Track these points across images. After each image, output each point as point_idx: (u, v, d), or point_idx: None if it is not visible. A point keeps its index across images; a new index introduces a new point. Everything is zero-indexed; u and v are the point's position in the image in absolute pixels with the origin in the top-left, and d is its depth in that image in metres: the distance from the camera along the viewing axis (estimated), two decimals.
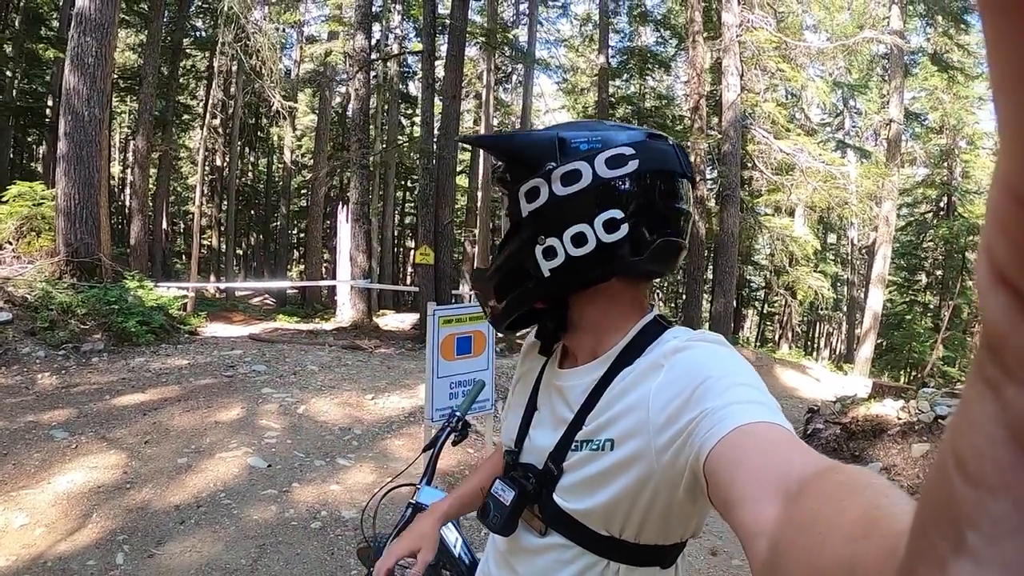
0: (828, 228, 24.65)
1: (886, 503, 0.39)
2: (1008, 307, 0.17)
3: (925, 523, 0.21)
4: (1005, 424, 0.17)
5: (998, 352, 0.17)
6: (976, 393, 0.18)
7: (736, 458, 0.65)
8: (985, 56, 0.17)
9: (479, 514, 1.05)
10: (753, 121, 16.12)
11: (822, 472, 0.53)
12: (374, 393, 6.61)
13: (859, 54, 16.47)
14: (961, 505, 0.18)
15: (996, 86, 0.16)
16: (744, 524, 0.56)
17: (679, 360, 0.85)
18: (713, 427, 0.70)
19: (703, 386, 0.76)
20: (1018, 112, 0.16)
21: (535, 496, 0.97)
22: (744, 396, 0.73)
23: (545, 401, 1.05)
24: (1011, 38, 0.15)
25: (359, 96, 13.95)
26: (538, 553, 0.98)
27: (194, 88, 23.45)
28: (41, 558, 3.24)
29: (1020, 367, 0.17)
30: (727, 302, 15.58)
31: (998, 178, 0.17)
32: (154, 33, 15.60)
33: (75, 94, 8.20)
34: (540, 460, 0.99)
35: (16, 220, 8.46)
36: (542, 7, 22.12)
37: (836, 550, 0.37)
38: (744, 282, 25.53)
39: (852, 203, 15.08)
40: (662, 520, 0.87)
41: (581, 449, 0.92)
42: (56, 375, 6.25)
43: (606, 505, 0.87)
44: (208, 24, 20.77)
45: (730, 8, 14.70)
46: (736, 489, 0.61)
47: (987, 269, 0.18)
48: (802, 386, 12.60)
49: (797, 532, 0.46)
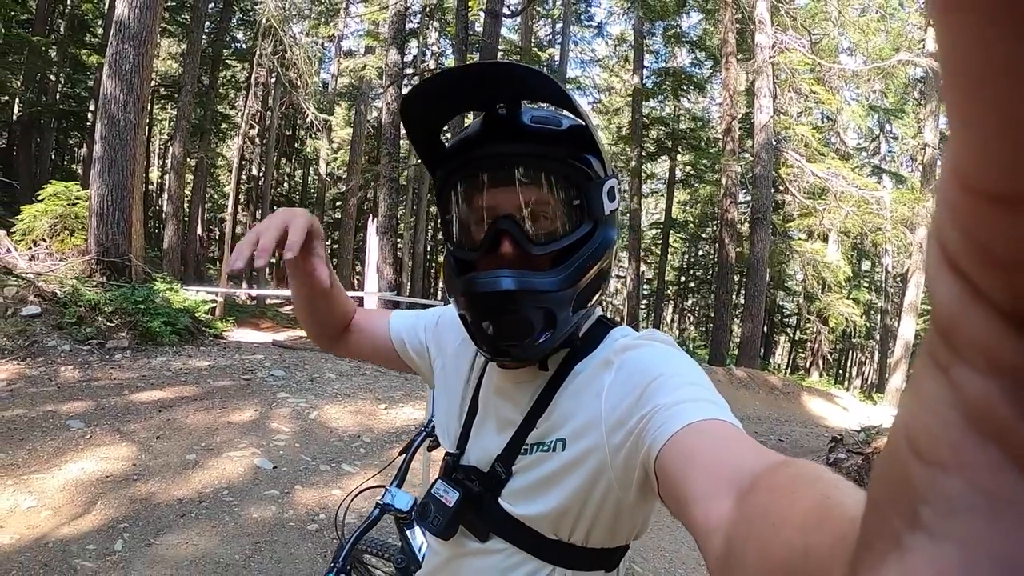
0: (862, 255, 24.20)
1: (837, 493, 0.40)
2: (957, 292, 0.17)
3: (879, 500, 0.21)
4: (955, 405, 0.17)
5: (948, 336, 0.18)
6: (927, 375, 0.19)
7: (687, 455, 0.64)
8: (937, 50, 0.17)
9: (418, 514, 0.99)
10: (786, 144, 15.97)
11: (773, 467, 0.53)
12: (387, 403, 6.63)
13: (895, 77, 16.19)
14: (915, 483, 0.19)
15: (946, 77, 0.17)
16: (698, 521, 0.56)
17: (629, 358, 0.84)
18: (663, 424, 0.69)
19: (654, 384, 0.76)
20: (966, 103, 0.16)
21: (479, 500, 0.94)
22: (694, 395, 0.72)
23: (488, 403, 1.00)
24: (959, 32, 0.15)
25: (391, 110, 14.17)
26: (479, 559, 0.95)
27: (233, 98, 23.96)
28: (43, 539, 3.32)
29: (969, 350, 0.17)
30: (755, 327, 15.36)
31: (948, 166, 0.17)
32: (194, 43, 16.07)
33: (112, 100, 8.46)
34: (485, 463, 0.96)
35: (50, 218, 8.73)
36: (576, 27, 22.33)
37: (789, 540, 0.38)
38: (776, 308, 25.20)
39: (886, 229, 14.80)
40: (612, 521, 0.85)
41: (532, 452, 0.90)
42: (79, 369, 6.41)
43: (557, 507, 0.85)
44: (248, 36, 21.34)
45: (764, 29, 14.62)
46: (688, 486, 0.60)
47: (937, 255, 0.18)
48: (829, 415, 12.34)
49: (750, 525, 0.46)
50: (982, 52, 0.15)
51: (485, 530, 0.94)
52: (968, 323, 0.17)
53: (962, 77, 0.16)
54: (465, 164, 0.89)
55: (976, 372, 0.17)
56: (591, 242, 0.86)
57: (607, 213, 0.89)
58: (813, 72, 15.27)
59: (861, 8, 15.54)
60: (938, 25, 0.16)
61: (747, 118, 17.13)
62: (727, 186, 16.16)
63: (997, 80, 0.15)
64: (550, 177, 0.86)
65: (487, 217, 0.87)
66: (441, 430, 1.11)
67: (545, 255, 0.85)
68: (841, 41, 17.41)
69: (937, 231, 0.18)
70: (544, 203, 0.86)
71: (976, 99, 0.16)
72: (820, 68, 15.13)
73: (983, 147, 0.16)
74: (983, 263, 0.17)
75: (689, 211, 27.34)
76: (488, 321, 0.86)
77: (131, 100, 8.50)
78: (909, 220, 14.83)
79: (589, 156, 0.87)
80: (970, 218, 0.16)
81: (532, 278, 0.82)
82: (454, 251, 0.93)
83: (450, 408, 1.08)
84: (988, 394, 0.17)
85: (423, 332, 1.18)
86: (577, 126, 0.87)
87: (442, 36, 23.07)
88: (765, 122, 14.73)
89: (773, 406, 11.86)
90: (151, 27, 8.71)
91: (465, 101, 0.88)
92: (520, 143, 0.85)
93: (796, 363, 25.60)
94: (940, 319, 0.18)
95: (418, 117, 0.87)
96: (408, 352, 1.18)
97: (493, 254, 0.86)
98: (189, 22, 17.12)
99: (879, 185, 17.31)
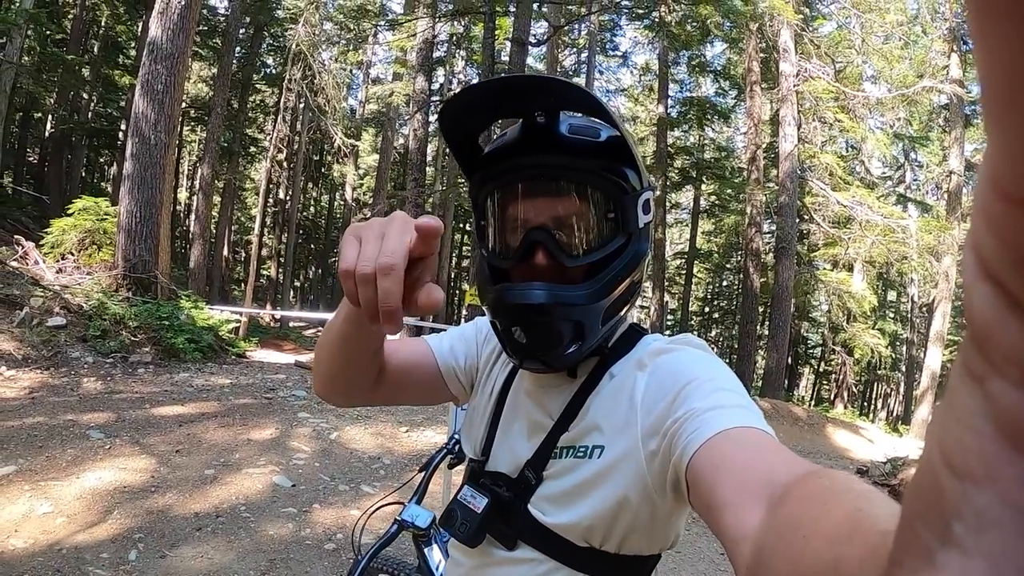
0: (888, 284, 23.88)
1: (868, 506, 0.39)
2: (993, 302, 0.17)
3: (912, 515, 0.21)
4: (990, 418, 0.17)
5: (983, 347, 0.17)
6: (962, 387, 0.18)
7: (719, 462, 0.63)
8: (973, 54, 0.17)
9: (443, 520, 0.96)
10: (811, 173, 15.88)
11: (805, 477, 0.53)
12: (409, 426, 6.60)
13: (919, 104, 16.12)
14: (947, 497, 0.18)
15: (983, 82, 0.16)
16: (728, 529, 0.55)
17: (663, 362, 0.84)
18: (696, 430, 0.69)
19: (687, 388, 0.75)
20: (1004, 109, 0.16)
21: (508, 506, 0.91)
22: (728, 401, 0.71)
23: (516, 407, 0.98)
24: (997, 38, 0.15)
25: (417, 136, 14.36)
26: (506, 569, 0.91)
27: (262, 122, 24.38)
28: (57, 545, 3.31)
29: (1005, 362, 0.17)
30: (780, 357, 15.18)
31: (986, 175, 0.17)
32: (225, 67, 16.47)
33: (143, 118, 8.66)
34: (513, 469, 0.93)
35: (79, 233, 8.91)
36: (602, 56, 22.52)
37: (819, 552, 0.37)
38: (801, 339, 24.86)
39: (912, 258, 14.62)
40: (647, 528, 0.83)
41: (564, 456, 0.88)
42: (101, 381, 6.47)
43: (590, 515, 0.83)
44: (277, 61, 21.81)
45: (788, 57, 14.65)
46: (719, 493, 0.60)
47: (974, 264, 0.18)
48: (854, 447, 12.11)
49: (780, 536, 0.46)
50: (1018, 57, 0.15)
51: (513, 538, 0.91)
52: (1004, 333, 0.17)
53: (1000, 85, 0.16)
54: (503, 172, 0.89)
55: (1010, 384, 0.17)
56: (624, 255, 0.86)
57: (641, 226, 0.88)
58: (837, 100, 15.22)
59: (884, 36, 15.51)
60: (976, 32, 0.16)
61: (772, 147, 17.10)
62: (752, 215, 16.09)
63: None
64: (586, 190, 0.86)
65: (522, 227, 0.87)
66: (465, 436, 1.09)
67: (578, 267, 0.85)
68: (865, 69, 17.36)
69: (974, 240, 0.18)
70: (579, 216, 0.86)
71: (1013, 106, 0.15)
72: (844, 96, 15.09)
73: (1020, 153, 0.15)
74: (1020, 272, 0.16)
75: (713, 240, 27.22)
76: (518, 328, 0.84)
77: (162, 119, 8.69)
78: (935, 249, 14.66)
79: (626, 168, 0.87)
80: (1007, 226, 0.16)
81: (563, 291, 0.82)
82: (488, 258, 0.92)
83: (475, 413, 1.07)
84: (1022, 406, 0.16)
85: (469, 346, 1.12)
86: (614, 138, 0.86)
87: (468, 64, 23.43)
88: (790, 151, 14.69)
89: (797, 437, 11.66)
90: (183, 49, 8.93)
91: (505, 109, 0.88)
92: (558, 154, 0.85)
93: (821, 395, 25.22)
94: (975, 329, 0.18)
95: (458, 122, 0.87)
96: (456, 378, 1.10)
97: (526, 264, 0.86)
98: (220, 46, 17.57)
99: (905, 214, 17.09)
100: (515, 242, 0.87)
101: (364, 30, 17.92)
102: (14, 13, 12.46)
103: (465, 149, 0.93)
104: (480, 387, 1.09)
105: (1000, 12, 0.15)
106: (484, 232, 0.93)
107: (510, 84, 0.82)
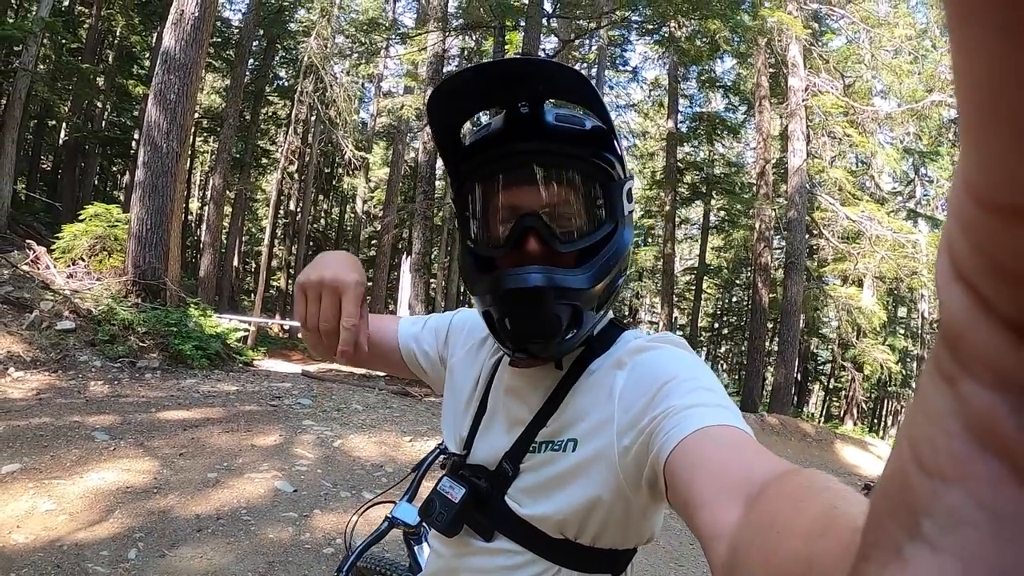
0: (898, 300, 23.71)
1: (844, 503, 0.39)
2: (965, 304, 0.17)
3: (881, 510, 0.21)
4: (960, 418, 0.17)
5: (955, 348, 0.18)
6: (933, 386, 0.19)
7: (696, 460, 0.64)
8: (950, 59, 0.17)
9: (422, 510, 0.98)
10: (820, 188, 15.85)
11: (782, 475, 0.53)
12: (413, 436, 6.60)
13: (928, 119, 16.06)
14: (916, 493, 0.18)
15: (960, 88, 0.16)
16: (704, 526, 0.56)
17: (643, 360, 0.84)
18: (675, 428, 0.69)
19: (667, 386, 0.76)
20: (980, 115, 0.16)
21: (485, 497, 0.92)
22: (707, 399, 0.72)
23: (499, 403, 0.99)
24: (973, 43, 0.15)
25: (428, 149, 14.42)
26: (483, 559, 0.93)
27: (274, 134, 24.59)
28: (58, 541, 3.33)
29: (975, 363, 0.17)
30: (788, 373, 15.09)
31: (960, 178, 0.17)
32: (238, 79, 16.67)
33: (155, 127, 8.75)
34: (492, 461, 0.94)
35: (90, 239, 8.97)
36: (612, 71, 22.59)
37: (794, 548, 0.38)
38: (810, 355, 24.69)
39: (922, 273, 14.51)
40: (622, 523, 0.84)
41: (541, 451, 0.89)
42: (108, 384, 6.52)
43: (564, 508, 0.84)
44: (290, 74, 22.04)
45: (797, 72, 14.67)
46: (696, 491, 0.60)
47: (947, 267, 0.18)
48: (863, 463, 12.02)
49: (756, 533, 0.46)
50: (996, 63, 0.15)
51: (490, 529, 0.92)
52: (975, 335, 0.17)
53: (975, 88, 0.16)
54: (488, 162, 0.89)
55: (981, 385, 0.17)
56: (613, 241, 0.87)
57: (626, 214, 0.89)
58: (846, 115, 15.21)
59: (894, 50, 15.49)
60: (952, 36, 0.16)
61: (781, 162, 17.08)
62: (761, 230, 16.05)
63: (1010, 92, 0.15)
64: (575, 176, 0.86)
65: (512, 214, 0.87)
66: (448, 432, 1.09)
67: (570, 253, 0.85)
68: (874, 83, 17.34)
69: (947, 242, 0.18)
70: (569, 202, 0.86)
71: (988, 110, 0.15)
72: (853, 111, 15.09)
73: (994, 159, 0.16)
74: (992, 275, 0.16)
75: (723, 256, 27.14)
76: (515, 317, 0.84)
77: (174, 128, 8.78)
78: None
79: (611, 156, 0.88)
80: (980, 230, 0.16)
81: (561, 274, 0.81)
82: (476, 248, 0.92)
83: (457, 409, 1.07)
84: (992, 407, 0.17)
85: (434, 336, 1.16)
86: (599, 128, 0.87)
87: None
88: (799, 166, 14.67)
89: (806, 453, 11.58)
90: (196, 60, 9.04)
91: (491, 97, 0.88)
92: (545, 141, 0.85)
93: (830, 412, 25.00)
94: (947, 330, 0.18)
95: (448, 105, 0.87)
96: (417, 361, 1.16)
97: (518, 251, 0.85)
98: (233, 58, 17.81)
99: (914, 229, 17.01)
100: (506, 229, 0.87)
101: (375, 43, 18.07)
102: (30, 21, 12.67)
103: (450, 139, 0.93)
104: (453, 382, 1.10)
105: (979, 18, 0.15)
106: (469, 223, 0.94)
107: (503, 67, 0.83)
